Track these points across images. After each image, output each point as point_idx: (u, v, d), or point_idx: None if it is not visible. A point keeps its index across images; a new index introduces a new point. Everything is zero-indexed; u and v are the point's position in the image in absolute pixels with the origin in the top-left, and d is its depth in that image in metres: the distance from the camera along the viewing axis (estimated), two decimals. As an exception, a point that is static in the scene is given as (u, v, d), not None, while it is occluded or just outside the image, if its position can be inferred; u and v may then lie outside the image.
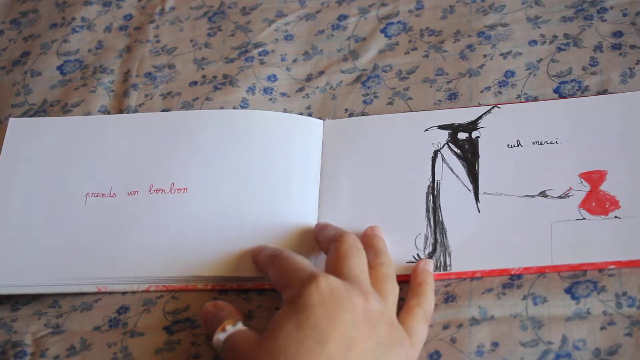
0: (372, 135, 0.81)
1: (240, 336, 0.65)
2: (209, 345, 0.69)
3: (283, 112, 0.85)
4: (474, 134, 0.78)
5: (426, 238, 0.73)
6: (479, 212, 0.74)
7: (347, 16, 0.92)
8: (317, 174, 0.79)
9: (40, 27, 0.97)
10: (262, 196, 0.78)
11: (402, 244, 0.73)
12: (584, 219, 0.71)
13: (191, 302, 0.74)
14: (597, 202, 0.72)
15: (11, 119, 0.85)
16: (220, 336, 0.65)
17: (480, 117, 0.79)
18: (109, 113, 0.88)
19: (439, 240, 0.73)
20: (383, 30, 0.89)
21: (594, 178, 0.73)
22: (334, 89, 0.86)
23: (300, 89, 0.87)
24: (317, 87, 0.87)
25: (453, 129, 0.79)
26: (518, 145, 0.76)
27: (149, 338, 0.71)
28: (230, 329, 0.65)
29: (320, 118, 0.83)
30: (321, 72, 0.88)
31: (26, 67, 0.93)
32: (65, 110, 0.88)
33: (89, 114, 0.88)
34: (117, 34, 0.96)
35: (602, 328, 0.66)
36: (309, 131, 0.82)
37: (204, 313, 0.68)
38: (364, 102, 0.84)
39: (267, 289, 0.74)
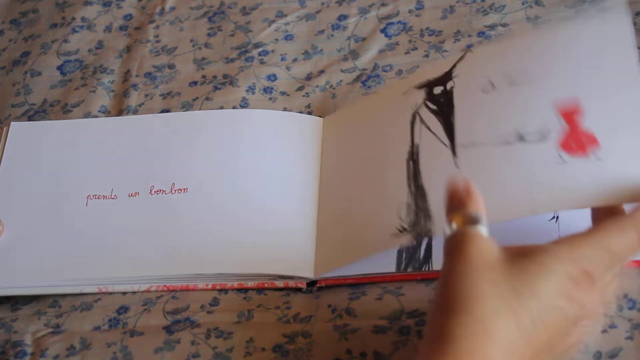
0: (363, 118, 0.80)
1: (475, 245, 0.54)
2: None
3: (283, 110, 0.85)
4: (449, 85, 0.73)
5: (408, 206, 0.70)
6: (458, 167, 0.68)
7: (347, 16, 0.92)
8: (317, 172, 0.79)
9: (40, 27, 0.97)
10: (262, 195, 0.78)
11: (387, 216, 0.70)
12: (564, 162, 0.64)
13: (191, 302, 0.74)
14: (576, 142, 0.65)
15: (12, 123, 0.85)
16: (449, 228, 0.56)
17: (454, 66, 0.74)
18: (109, 113, 0.88)
19: (420, 206, 0.69)
20: (383, 30, 0.90)
21: (569, 113, 0.66)
22: (334, 88, 0.86)
23: (300, 88, 0.87)
24: (317, 86, 0.87)
25: (428, 85, 0.74)
26: (493, 89, 0.70)
27: (148, 337, 0.71)
28: (458, 226, 0.56)
29: (320, 116, 0.83)
30: (321, 72, 0.88)
31: (26, 67, 0.93)
32: (65, 111, 0.88)
33: (89, 114, 0.88)
34: (117, 34, 0.96)
35: (603, 331, 0.66)
36: (309, 129, 0.82)
37: (452, 188, 0.58)
38: (364, 101, 0.84)
39: (267, 288, 0.74)
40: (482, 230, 0.56)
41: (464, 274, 0.53)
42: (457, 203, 0.57)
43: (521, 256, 0.54)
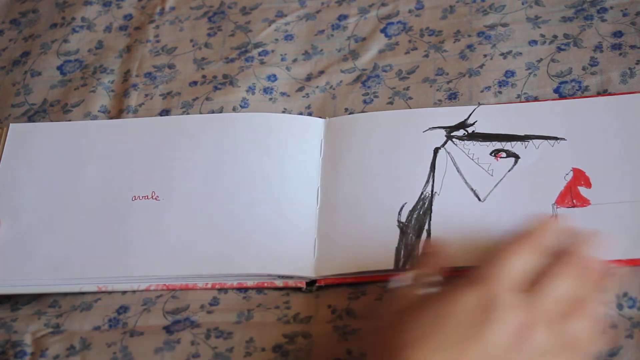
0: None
1: (403, 291, 0.63)
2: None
3: (283, 111, 0.85)
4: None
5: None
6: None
7: (347, 16, 0.92)
8: (318, 173, 0.79)
9: (40, 27, 0.97)
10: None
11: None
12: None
13: (191, 301, 0.74)
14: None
15: (11, 124, 0.85)
16: (392, 283, 0.66)
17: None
18: (109, 113, 0.88)
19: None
20: (383, 30, 0.89)
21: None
22: (334, 89, 0.86)
23: (300, 89, 0.87)
24: (317, 87, 0.86)
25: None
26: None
27: (148, 337, 0.71)
28: (398, 282, 0.64)
29: (320, 117, 0.83)
30: (321, 72, 0.88)
31: (26, 67, 0.93)
32: (65, 111, 0.88)
33: (89, 114, 0.88)
34: (117, 34, 0.96)
35: (603, 330, 0.65)
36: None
37: (425, 247, 0.69)
38: (364, 101, 0.84)
39: (266, 287, 0.74)
40: (425, 288, 0.63)
41: (390, 313, 0.62)
42: (422, 261, 0.66)
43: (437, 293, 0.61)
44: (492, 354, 0.56)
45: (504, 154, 0.76)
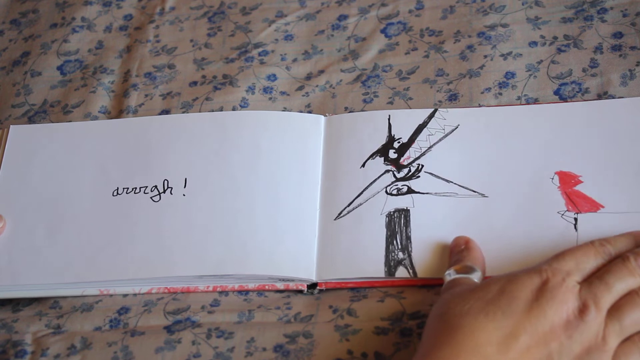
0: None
1: (460, 280, 0.67)
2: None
3: (283, 110, 0.85)
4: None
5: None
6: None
7: (347, 16, 0.92)
8: (319, 171, 0.79)
9: (40, 27, 0.97)
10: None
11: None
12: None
13: (192, 302, 0.74)
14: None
15: (12, 126, 0.85)
16: (449, 273, 0.68)
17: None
18: (109, 113, 0.88)
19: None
20: (383, 30, 0.90)
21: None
22: (333, 88, 0.86)
23: (300, 88, 0.87)
24: (317, 86, 0.87)
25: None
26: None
27: (149, 337, 0.71)
28: (454, 274, 0.68)
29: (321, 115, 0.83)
30: (321, 71, 0.88)
31: (26, 67, 0.93)
32: (65, 111, 0.88)
33: (89, 114, 0.88)
34: (117, 34, 0.96)
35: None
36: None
37: (455, 243, 0.71)
38: (364, 100, 0.84)
39: (267, 290, 0.74)
40: (474, 277, 0.67)
41: (446, 298, 0.64)
42: (457, 256, 0.69)
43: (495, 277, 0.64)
44: (544, 332, 0.60)
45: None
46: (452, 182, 0.75)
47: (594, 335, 0.61)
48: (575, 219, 0.71)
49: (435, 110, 0.80)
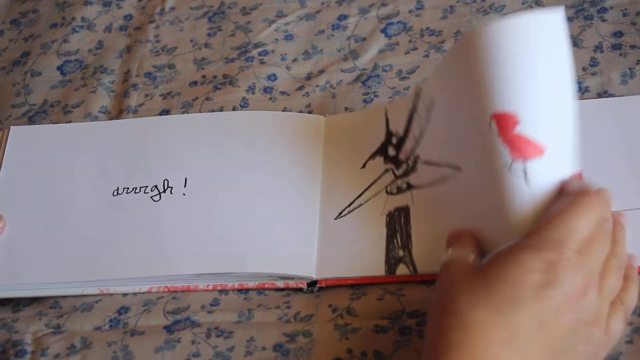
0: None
1: (456, 262, 0.64)
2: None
3: (283, 110, 0.85)
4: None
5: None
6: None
7: (347, 16, 0.92)
8: (319, 171, 0.79)
9: (40, 27, 0.97)
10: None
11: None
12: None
13: (192, 302, 0.74)
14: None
15: (12, 127, 0.85)
16: (444, 256, 0.66)
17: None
18: (109, 113, 0.88)
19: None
20: (383, 30, 0.90)
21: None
22: (334, 88, 0.86)
23: (300, 87, 0.87)
24: (317, 86, 0.87)
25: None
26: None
27: (149, 337, 0.71)
28: (450, 252, 0.65)
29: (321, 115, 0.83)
30: (321, 71, 0.88)
31: (26, 67, 0.93)
32: (65, 111, 0.88)
33: (89, 114, 0.88)
34: (117, 34, 0.96)
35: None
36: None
37: (451, 233, 0.68)
38: (364, 100, 0.84)
39: (267, 288, 0.74)
40: (469, 256, 0.64)
41: (446, 284, 0.62)
42: (453, 240, 0.67)
43: (493, 259, 0.62)
44: (550, 315, 0.59)
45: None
46: (442, 165, 0.72)
47: (595, 309, 0.60)
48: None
49: (420, 90, 0.75)
